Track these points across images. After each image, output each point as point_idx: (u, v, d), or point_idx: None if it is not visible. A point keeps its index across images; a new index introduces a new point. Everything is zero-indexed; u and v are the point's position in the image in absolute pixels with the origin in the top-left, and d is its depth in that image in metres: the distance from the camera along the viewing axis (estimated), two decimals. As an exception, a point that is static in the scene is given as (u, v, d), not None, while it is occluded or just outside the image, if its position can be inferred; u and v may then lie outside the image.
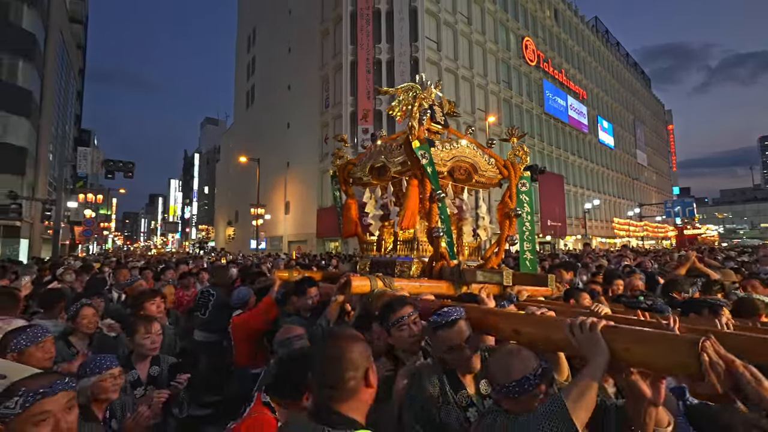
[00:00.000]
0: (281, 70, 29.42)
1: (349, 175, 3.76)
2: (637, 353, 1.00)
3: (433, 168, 2.83)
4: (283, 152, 28.06)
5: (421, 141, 2.87)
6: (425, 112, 3.14)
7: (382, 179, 3.50)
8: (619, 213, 40.43)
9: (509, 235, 3.26)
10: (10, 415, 1.13)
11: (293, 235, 27.04)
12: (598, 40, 41.44)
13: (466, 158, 3.20)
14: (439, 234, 2.77)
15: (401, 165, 3.10)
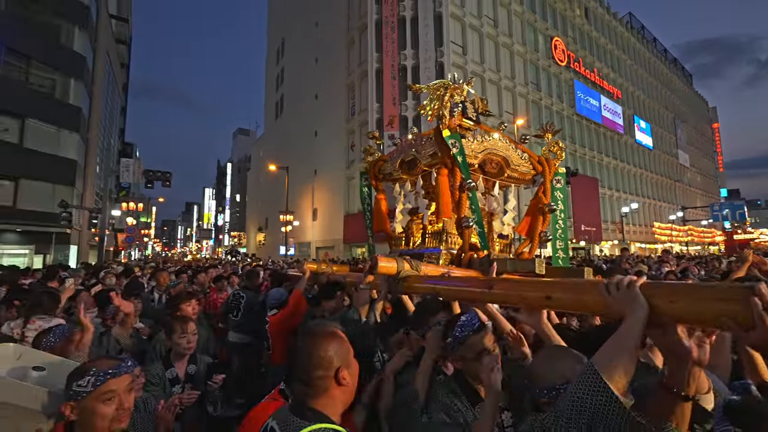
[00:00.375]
0: (308, 80, 30.16)
1: (380, 172, 3.78)
2: (683, 304, 0.92)
3: (463, 157, 2.79)
4: (310, 160, 28.65)
5: (452, 130, 2.86)
6: (456, 106, 3.13)
7: (411, 173, 3.50)
8: (659, 217, 38.26)
9: (542, 231, 3.19)
10: (83, 392, 1.24)
11: (321, 241, 27.42)
12: (632, 37, 39.77)
13: (498, 151, 3.14)
14: (468, 224, 2.74)
15: (431, 156, 3.10)
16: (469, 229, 2.75)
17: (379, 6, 22.30)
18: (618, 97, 35.46)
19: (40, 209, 16.21)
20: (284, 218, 24.72)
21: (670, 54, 49.17)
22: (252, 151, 53.84)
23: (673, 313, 0.93)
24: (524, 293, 1.40)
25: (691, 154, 48.05)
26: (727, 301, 0.85)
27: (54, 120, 17.29)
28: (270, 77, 42.15)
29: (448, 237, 3.09)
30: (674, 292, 0.95)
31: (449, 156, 2.83)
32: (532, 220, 3.23)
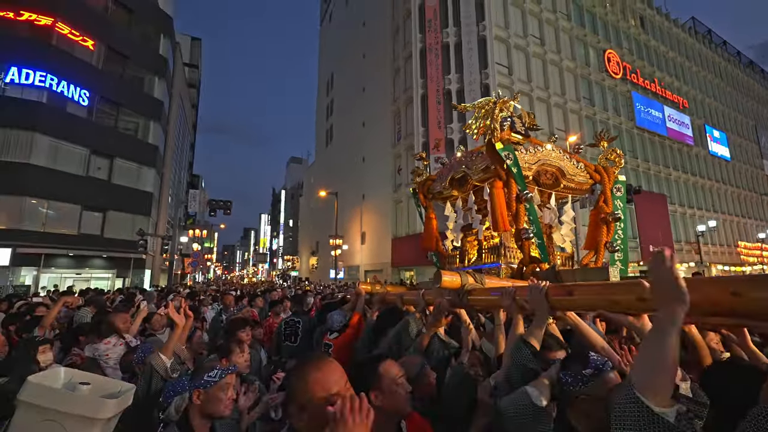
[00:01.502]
0: (356, 108, 31.48)
1: (429, 191, 3.80)
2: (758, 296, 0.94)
3: (518, 168, 2.76)
4: (358, 185, 29.45)
5: (504, 142, 2.84)
6: (505, 120, 3.13)
7: (462, 190, 3.48)
8: (746, 235, 33.87)
9: (608, 241, 3.07)
10: (211, 382, 1.57)
11: (369, 265, 27.66)
12: (697, 43, 36.92)
13: (552, 162, 3.08)
14: (528, 236, 2.67)
15: (483, 171, 3.07)
16: (528, 240, 2.67)
17: (423, 35, 22.99)
18: (684, 106, 32.72)
19: (122, 237, 18.23)
20: (334, 242, 25.39)
21: (744, 56, 44.75)
22: (304, 178, 56.61)
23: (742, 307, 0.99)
24: (614, 296, 1.27)
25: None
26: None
27: (136, 158, 19.63)
28: (320, 108, 44.63)
29: (506, 251, 3.02)
30: (733, 284, 1.02)
31: (503, 168, 2.80)
32: (594, 231, 3.14)
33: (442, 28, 22.64)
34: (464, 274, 2.18)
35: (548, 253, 2.94)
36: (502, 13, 23.11)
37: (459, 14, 22.48)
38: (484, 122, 3.15)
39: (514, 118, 3.28)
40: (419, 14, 23.38)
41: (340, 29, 37.31)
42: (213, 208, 17.74)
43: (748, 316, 0.97)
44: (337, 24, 39.15)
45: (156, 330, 3.62)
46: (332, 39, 40.08)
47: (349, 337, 3.00)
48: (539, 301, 1.54)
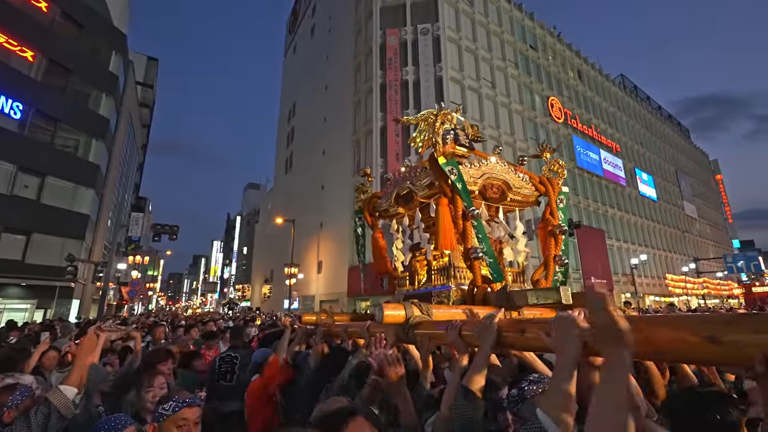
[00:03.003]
0: (317, 137, 31.71)
1: (375, 209, 3.56)
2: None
3: (463, 184, 2.63)
4: (317, 213, 29.15)
5: (447, 156, 2.70)
6: (448, 132, 3.01)
7: (408, 207, 3.27)
8: (672, 269, 37.24)
9: (557, 254, 2.98)
10: (165, 415, 1.40)
11: (325, 295, 26.95)
12: (626, 96, 41.75)
13: (497, 175, 2.99)
14: (477, 255, 2.51)
15: (428, 187, 2.91)
16: (478, 260, 2.51)
17: (384, 71, 24.04)
18: (617, 150, 36.36)
19: (47, 263, 16.43)
20: (289, 271, 24.60)
21: (664, 110, 51.19)
22: (261, 205, 55.17)
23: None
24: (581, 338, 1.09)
25: (697, 206, 47.92)
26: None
27: (72, 177, 18.15)
28: (281, 135, 44.48)
29: (456, 272, 2.84)
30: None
31: (448, 184, 2.65)
32: (543, 245, 3.06)
33: (401, 66, 23.85)
34: (409, 306, 2.01)
35: (501, 271, 2.81)
36: (457, 57, 24.86)
37: (418, 55, 23.89)
38: (429, 135, 3.03)
39: (457, 130, 3.17)
40: (380, 53, 24.54)
41: (304, 61, 38.12)
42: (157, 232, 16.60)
43: (725, 363, 0.86)
44: (301, 56, 40.00)
45: (46, 368, 3.16)
46: (296, 69, 40.74)
47: (258, 385, 2.57)
48: (485, 336, 1.36)
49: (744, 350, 0.75)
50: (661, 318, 0.94)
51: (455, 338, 1.56)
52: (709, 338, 0.79)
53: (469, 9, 26.78)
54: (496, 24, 28.41)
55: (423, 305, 2.07)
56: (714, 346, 0.79)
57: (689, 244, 42.45)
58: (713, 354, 0.81)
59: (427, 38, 24.06)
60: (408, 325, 1.92)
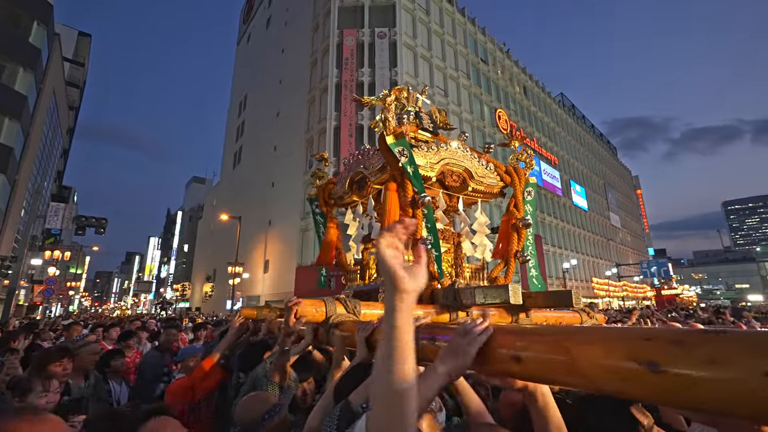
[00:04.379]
0: (269, 132, 30.72)
1: (330, 196, 3.27)
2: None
3: (414, 167, 2.36)
4: (266, 211, 28.22)
5: (396, 136, 2.38)
6: (407, 112, 2.73)
7: (362, 194, 2.97)
8: (597, 273, 40.96)
9: (518, 250, 2.75)
10: None
11: (271, 295, 26.12)
12: (565, 113, 45.33)
13: (458, 161, 2.72)
14: (426, 247, 2.19)
15: (380, 171, 2.63)
16: (428, 253, 2.21)
17: (340, 71, 23.93)
18: (555, 163, 39.33)
19: (-59, 256, 14.26)
20: (233, 270, 23.50)
21: (597, 129, 56.34)
22: (206, 200, 52.21)
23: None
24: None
25: (621, 216, 53.23)
26: None
27: (-23, 159, 15.94)
28: (231, 128, 42.49)
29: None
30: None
31: (397, 168, 2.37)
32: (505, 239, 2.81)
33: (357, 67, 23.91)
34: (331, 302, 1.78)
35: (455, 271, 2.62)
36: (413, 63, 25.44)
37: (374, 57, 24.09)
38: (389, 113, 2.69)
39: (422, 113, 2.90)
40: (337, 52, 24.41)
41: (258, 52, 36.81)
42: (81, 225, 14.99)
43: (666, 402, 0.64)
44: (255, 46, 38.58)
45: None
46: (249, 60, 39.19)
47: (182, 388, 2.36)
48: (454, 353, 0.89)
49: (696, 391, 0.52)
50: (588, 331, 0.73)
51: (361, 341, 1.41)
52: (649, 365, 0.57)
53: (426, 18, 27.54)
54: (451, 35, 29.49)
55: (351, 302, 1.84)
56: (655, 377, 0.56)
57: (613, 251, 46.98)
58: (656, 390, 0.57)
59: (384, 42, 24.36)
60: (328, 324, 1.71)
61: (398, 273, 0.72)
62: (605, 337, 0.67)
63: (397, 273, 0.72)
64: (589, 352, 0.66)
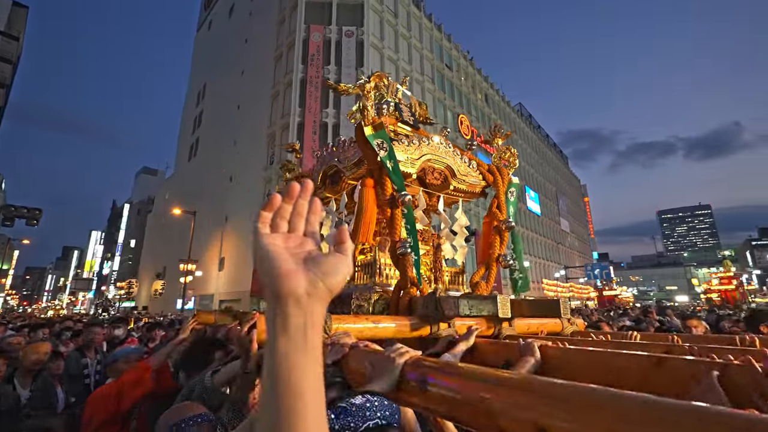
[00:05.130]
0: (229, 125, 29.59)
1: None
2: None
3: (394, 162, 2.15)
4: (222, 206, 27.16)
5: (375, 127, 2.17)
6: (386, 102, 2.52)
7: (335, 190, 2.72)
8: (547, 274, 43.44)
9: (501, 254, 2.54)
10: None
11: (226, 294, 25.17)
12: (522, 122, 47.62)
13: (440, 158, 2.54)
14: (405, 250, 2.05)
15: (356, 166, 2.42)
16: (406, 256, 2.08)
17: (305, 66, 23.56)
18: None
19: None
20: (185, 267, 22.37)
21: (551, 139, 59.80)
22: (157, 193, 49.24)
23: None
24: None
25: (570, 222, 56.83)
26: None
27: None
28: (187, 118, 40.42)
29: (381, 270, 2.37)
30: None
31: (375, 163, 2.15)
32: (486, 242, 2.60)
33: (323, 64, 23.66)
34: (220, 316, 1.58)
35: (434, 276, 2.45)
36: (379, 63, 25.57)
37: (341, 55, 23.96)
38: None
39: (402, 105, 2.70)
40: (303, 47, 24.01)
41: (220, 40, 35.32)
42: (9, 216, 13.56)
43: None
44: (216, 34, 36.99)
45: None
46: (210, 48, 37.50)
47: (107, 395, 2.01)
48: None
49: None
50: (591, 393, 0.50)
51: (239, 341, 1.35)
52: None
53: (393, 20, 27.81)
54: (417, 39, 30.00)
55: (242, 314, 1.67)
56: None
57: (562, 254, 50.04)
58: None
59: (351, 41, 24.30)
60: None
61: (281, 265, 0.44)
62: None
63: (280, 265, 0.44)
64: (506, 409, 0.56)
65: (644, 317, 7.13)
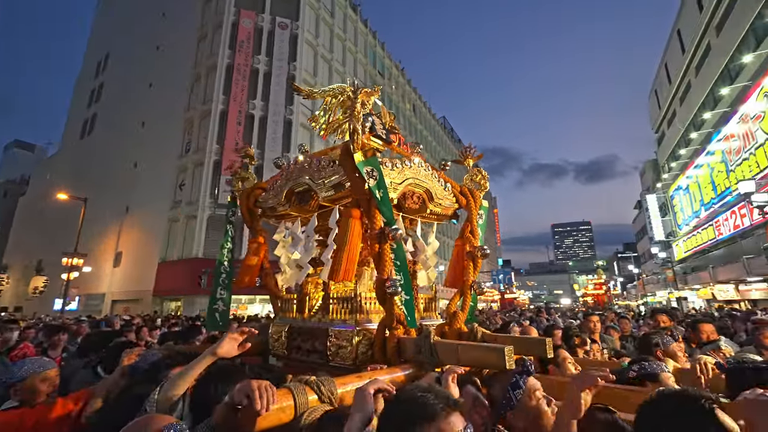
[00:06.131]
0: (137, 104, 26.37)
1: (257, 205, 2.64)
2: None
3: (384, 191, 1.98)
4: (123, 194, 24.06)
5: (366, 154, 2.01)
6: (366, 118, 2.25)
7: (304, 209, 2.44)
8: (460, 279, 46.98)
9: (474, 281, 2.46)
10: None
11: (121, 293, 22.32)
12: (445, 135, 50.82)
13: (421, 182, 2.40)
14: (396, 290, 1.85)
15: (334, 189, 2.21)
16: (396, 296, 1.87)
17: (233, 52, 22.14)
18: (434, 178, 43.84)
19: None
20: (69, 261, 19.23)
21: (469, 153, 64.97)
22: (34, 172, 41.51)
23: None
24: None
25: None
26: None
27: None
28: (82, 90, 34.89)
29: (361, 305, 2.13)
30: None
31: (363, 192, 1.97)
32: (459, 267, 2.51)
33: (254, 53, 22.51)
34: (299, 388, 1.27)
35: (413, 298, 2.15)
36: (312, 61, 25.19)
37: (273, 47, 23.04)
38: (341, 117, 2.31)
39: (373, 116, 2.44)
40: (231, 31, 22.56)
41: (132, 7, 31.24)
42: None
43: None
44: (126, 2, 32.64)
45: None
46: (117, 13, 32.96)
47: (5, 427, 1.59)
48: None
49: None
50: None
51: None
52: None
53: (330, 20, 27.64)
54: (352, 43, 30.22)
55: (323, 383, 1.33)
56: None
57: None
58: None
59: (285, 33, 23.53)
60: (304, 425, 1.19)
61: None
62: None
63: None
64: None
65: (536, 316, 8.44)
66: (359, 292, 2.17)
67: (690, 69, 25.42)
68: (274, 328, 2.42)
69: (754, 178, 16.34)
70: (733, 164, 19.03)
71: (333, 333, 2.03)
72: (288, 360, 2.26)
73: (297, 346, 2.23)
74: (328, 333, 2.05)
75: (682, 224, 27.42)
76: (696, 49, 24.09)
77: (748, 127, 17.44)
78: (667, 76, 30.28)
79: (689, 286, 26.58)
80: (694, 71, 24.68)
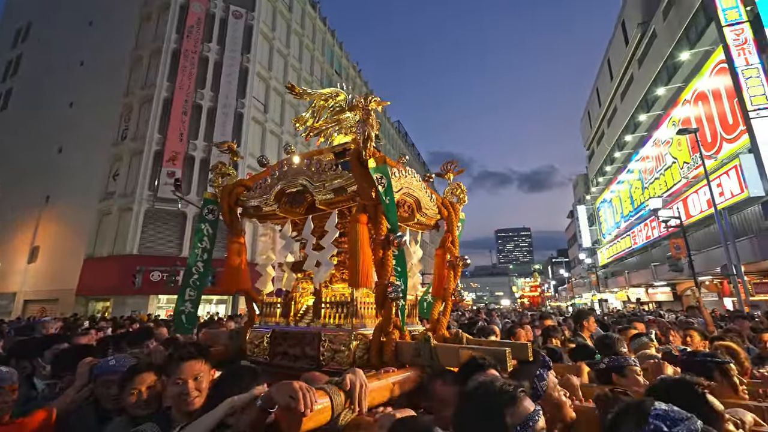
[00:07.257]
0: (65, 81, 23.83)
1: (238, 203, 2.56)
2: None
3: (391, 198, 2.02)
4: (42, 182, 21.61)
5: (377, 160, 2.05)
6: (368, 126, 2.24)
7: (295, 211, 2.40)
8: (409, 280, 48.09)
9: (455, 289, 2.59)
10: None
11: (36, 292, 20.01)
12: (399, 139, 51.79)
13: (413, 191, 2.46)
14: (398, 296, 1.92)
15: (335, 192, 2.18)
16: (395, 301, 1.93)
17: (180, 37, 20.85)
18: (387, 181, 44.52)
19: None
20: (-28, 256, 16.93)
21: (421, 157, 66.68)
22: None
23: None
24: None
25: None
26: None
27: None
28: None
29: (357, 310, 2.15)
30: None
31: (371, 198, 2.00)
32: (441, 276, 2.62)
33: (204, 40, 21.38)
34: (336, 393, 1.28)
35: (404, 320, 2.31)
36: (268, 55, 24.48)
37: (225, 36, 22.05)
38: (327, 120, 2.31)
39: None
40: (180, 14, 21.24)
41: (60, -25, 28.13)
42: None
43: None
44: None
45: None
46: (42, -20, 29.46)
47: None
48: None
49: None
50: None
51: None
52: None
53: (287, 14, 27.04)
54: (310, 39, 29.79)
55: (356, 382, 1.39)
56: None
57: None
58: None
59: (239, 23, 22.62)
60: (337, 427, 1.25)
61: None
62: None
63: None
64: None
65: (475, 316, 9.41)
66: (355, 295, 2.16)
67: (617, 95, 28.45)
68: (254, 333, 2.37)
69: (662, 196, 18.78)
70: (648, 182, 21.65)
71: (327, 337, 2.03)
72: (270, 366, 2.15)
73: (283, 352, 2.16)
74: (320, 337, 2.03)
75: (606, 233, 30.55)
76: (621, 78, 27.05)
77: (659, 151, 19.98)
78: (597, 99, 33.59)
79: (609, 289, 29.65)
80: (620, 97, 27.66)
